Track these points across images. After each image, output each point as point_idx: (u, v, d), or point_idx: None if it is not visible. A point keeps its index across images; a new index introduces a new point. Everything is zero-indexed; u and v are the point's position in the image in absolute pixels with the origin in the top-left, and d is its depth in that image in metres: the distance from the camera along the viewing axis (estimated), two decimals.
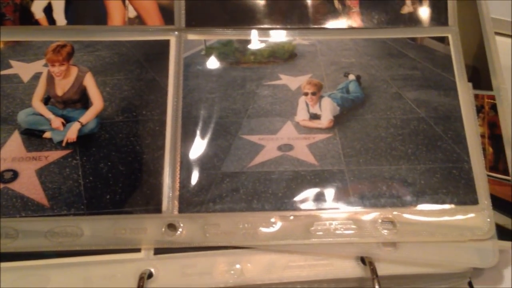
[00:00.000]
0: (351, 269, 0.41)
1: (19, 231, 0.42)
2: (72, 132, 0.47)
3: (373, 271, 0.40)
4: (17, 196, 0.43)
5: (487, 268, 0.44)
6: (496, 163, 0.47)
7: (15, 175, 0.45)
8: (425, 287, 0.43)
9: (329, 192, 0.43)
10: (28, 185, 0.44)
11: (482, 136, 0.47)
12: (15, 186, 0.44)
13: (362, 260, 0.41)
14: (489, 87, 0.50)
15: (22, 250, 0.42)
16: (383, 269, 0.41)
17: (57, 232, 0.42)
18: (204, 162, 0.45)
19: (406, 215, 0.42)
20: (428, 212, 0.43)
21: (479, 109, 0.49)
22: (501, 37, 0.64)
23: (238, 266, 0.41)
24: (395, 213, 0.42)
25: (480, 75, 0.50)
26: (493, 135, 0.48)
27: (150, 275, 0.41)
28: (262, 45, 0.51)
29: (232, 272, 0.41)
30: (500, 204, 0.44)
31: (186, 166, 0.45)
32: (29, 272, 0.41)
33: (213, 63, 0.50)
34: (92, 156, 0.45)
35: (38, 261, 0.42)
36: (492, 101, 0.49)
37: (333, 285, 0.42)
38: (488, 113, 0.49)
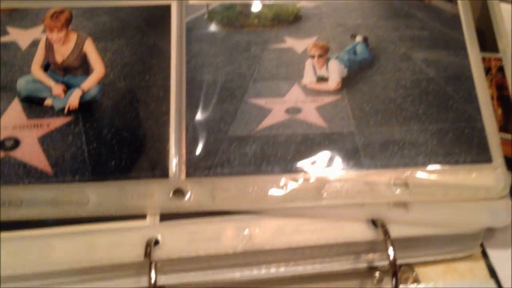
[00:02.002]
0: (362, 232, 0.40)
1: (23, 199, 0.41)
2: (73, 99, 0.45)
3: (385, 232, 0.39)
4: (19, 164, 0.42)
5: (499, 230, 0.43)
6: (505, 124, 0.47)
7: (16, 143, 0.44)
8: (437, 251, 0.42)
9: (340, 154, 0.43)
10: (31, 152, 0.43)
11: (491, 97, 0.46)
12: (17, 153, 0.43)
13: (373, 223, 0.40)
14: (495, 49, 0.49)
15: (27, 218, 0.40)
16: (394, 232, 0.40)
17: (62, 199, 0.41)
18: (211, 127, 0.44)
19: (418, 176, 0.42)
20: (441, 172, 0.42)
21: (486, 71, 0.48)
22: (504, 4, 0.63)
23: (246, 231, 0.40)
24: (407, 173, 0.42)
25: (485, 37, 0.49)
26: (502, 97, 0.48)
27: (156, 242, 0.40)
28: (266, 8, 0.50)
29: (240, 237, 0.40)
30: (510, 164, 0.43)
31: (192, 131, 0.44)
32: (33, 241, 0.40)
33: (216, 27, 0.49)
34: (95, 122, 0.44)
35: (41, 229, 0.40)
36: (499, 63, 0.49)
37: (343, 250, 0.41)
38: (495, 75, 0.49)
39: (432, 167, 0.42)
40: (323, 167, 0.42)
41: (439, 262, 0.43)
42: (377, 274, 0.42)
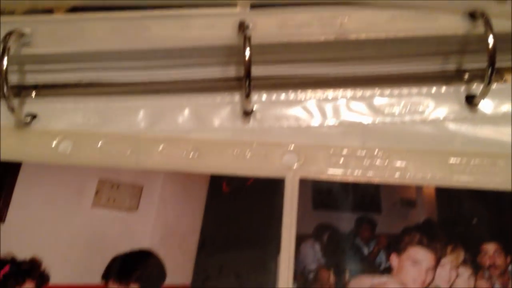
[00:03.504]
0: (458, 24, 0.39)
1: None
2: None
3: (487, 23, 0.37)
4: None
5: None
6: None
7: None
8: None
9: None
10: None
11: None
12: None
13: (472, 16, 0.39)
14: None
15: (124, 3, 0.42)
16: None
17: None
18: None
19: None
20: None
21: None
22: None
23: (339, 20, 0.40)
24: None
25: None
26: None
27: (247, 28, 0.39)
28: None
29: (333, 25, 0.40)
30: None
31: None
32: (129, 21, 0.41)
33: None
34: None
35: (137, 12, 0.41)
36: None
37: (433, 48, 0.41)
38: None
39: None
40: None
41: None
42: (466, 75, 0.41)
